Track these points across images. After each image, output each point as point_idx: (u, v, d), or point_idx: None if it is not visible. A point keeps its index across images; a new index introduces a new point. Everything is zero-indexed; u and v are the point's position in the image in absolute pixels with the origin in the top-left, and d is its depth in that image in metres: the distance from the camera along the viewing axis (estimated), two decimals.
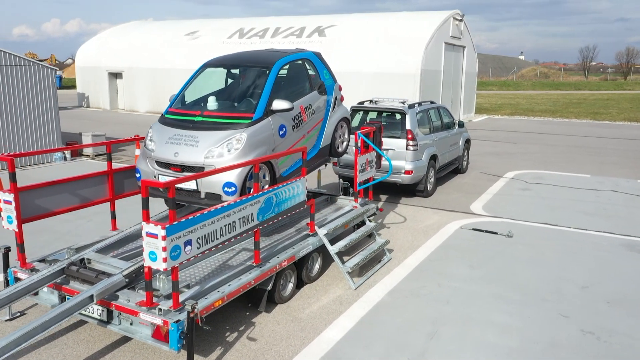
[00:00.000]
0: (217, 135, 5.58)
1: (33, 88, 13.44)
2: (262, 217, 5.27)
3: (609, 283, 6.50)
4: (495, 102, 38.13)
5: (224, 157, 5.49)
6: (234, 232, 4.91)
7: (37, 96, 13.55)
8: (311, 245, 6.21)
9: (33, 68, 13.41)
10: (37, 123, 13.61)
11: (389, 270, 6.89)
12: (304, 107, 6.45)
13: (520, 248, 7.74)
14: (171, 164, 5.65)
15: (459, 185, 11.82)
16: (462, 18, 24.25)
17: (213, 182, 5.46)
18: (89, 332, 5.22)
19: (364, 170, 7.44)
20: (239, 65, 6.50)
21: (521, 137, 20.08)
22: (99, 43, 30.72)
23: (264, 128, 5.78)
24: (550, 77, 66.83)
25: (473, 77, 27.90)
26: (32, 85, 13.42)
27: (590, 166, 14.26)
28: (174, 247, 4.21)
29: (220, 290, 4.89)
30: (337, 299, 6.03)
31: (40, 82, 13.56)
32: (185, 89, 6.47)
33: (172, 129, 5.85)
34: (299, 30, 24.73)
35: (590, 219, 9.27)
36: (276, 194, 5.45)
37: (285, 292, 5.95)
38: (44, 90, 13.67)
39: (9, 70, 12.93)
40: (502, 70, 77.93)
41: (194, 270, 5.41)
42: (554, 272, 6.82)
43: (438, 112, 11.62)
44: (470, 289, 6.30)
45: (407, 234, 8.40)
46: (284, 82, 6.42)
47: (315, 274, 6.51)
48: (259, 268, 5.38)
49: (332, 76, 7.17)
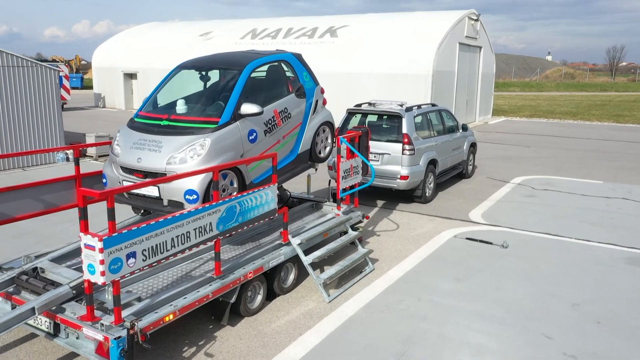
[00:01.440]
0: (180, 141, 5.36)
1: (35, 89, 13.49)
2: (223, 227, 5.02)
3: (602, 301, 6.07)
4: (515, 103, 37.26)
5: (187, 163, 5.26)
6: (189, 243, 4.67)
7: (39, 97, 13.60)
8: (283, 255, 5.94)
9: (35, 69, 13.46)
10: (39, 123, 13.66)
11: (370, 282, 6.58)
12: (279, 111, 6.18)
13: (513, 260, 7.34)
14: (134, 169, 5.46)
15: (462, 191, 11.40)
16: (478, 17, 23.66)
17: (174, 189, 5.24)
18: (43, 343, 5.05)
19: (347, 176, 7.14)
20: (211, 67, 6.27)
21: (536, 141, 19.45)
22: (115, 44, 31.00)
23: (231, 133, 5.53)
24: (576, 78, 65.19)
25: (490, 78, 27.23)
26: (35, 86, 13.46)
27: (604, 172, 13.65)
28: (113, 260, 3.99)
29: (174, 304, 4.66)
30: (308, 312, 5.74)
31: (42, 83, 13.60)
32: (157, 91, 6.27)
33: (137, 133, 5.66)
34: (311, 30, 24.48)
35: (594, 229, 8.79)
36: (240, 203, 5.20)
37: (253, 304, 5.69)
38: (47, 90, 13.71)
39: (11, 71, 12.99)
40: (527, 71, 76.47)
41: (154, 281, 5.19)
42: (545, 288, 6.41)
43: (439, 115, 11.23)
44: (451, 304, 5.95)
45: (397, 242, 8.06)
46: (257, 84, 6.16)
47: (289, 285, 6.24)
48: (220, 280, 5.14)
49: (313, 79, 6.89)
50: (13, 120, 13.12)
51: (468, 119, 24.81)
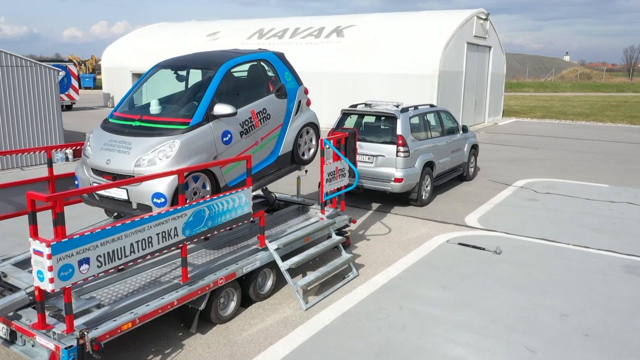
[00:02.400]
0: (149, 142, 5.19)
1: (34, 88, 13.49)
2: (190, 231, 4.84)
3: (594, 312, 5.78)
4: (527, 104, 36.67)
5: (156, 165, 5.10)
6: (152, 249, 4.50)
7: (38, 96, 13.59)
8: (259, 261, 5.75)
9: (35, 68, 13.46)
10: (39, 123, 13.65)
11: (352, 289, 6.35)
12: (257, 111, 5.98)
13: (505, 267, 7.06)
14: (104, 171, 5.31)
15: (461, 194, 11.11)
16: (487, 17, 23.25)
17: (142, 192, 5.07)
18: (1, 349, 4.91)
19: (332, 179, 6.93)
20: (187, 66, 6.10)
21: (545, 142, 19.02)
22: (124, 44, 31.12)
23: (203, 134, 5.35)
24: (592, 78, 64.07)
25: (500, 79, 26.78)
26: (34, 85, 13.46)
27: (611, 175, 13.24)
28: (63, 267, 3.83)
29: (134, 312, 4.49)
30: (283, 320, 5.54)
31: (41, 83, 13.60)
32: (133, 91, 6.12)
33: (109, 134, 5.51)
34: (318, 30, 24.29)
35: (595, 234, 8.45)
36: (210, 207, 5.02)
37: (225, 311, 5.51)
38: (46, 90, 13.70)
39: (11, 70, 13.00)
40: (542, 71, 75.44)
41: (121, 286, 5.03)
42: (535, 297, 6.13)
43: (438, 116, 10.95)
44: (434, 313, 5.70)
45: (386, 247, 7.82)
46: (235, 84, 5.98)
47: (267, 292, 6.04)
48: (187, 286, 4.96)
49: (295, 78, 6.68)
50: (12, 120, 13.12)
51: (477, 120, 24.43)
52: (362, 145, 9.71)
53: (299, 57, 23.38)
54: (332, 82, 22.08)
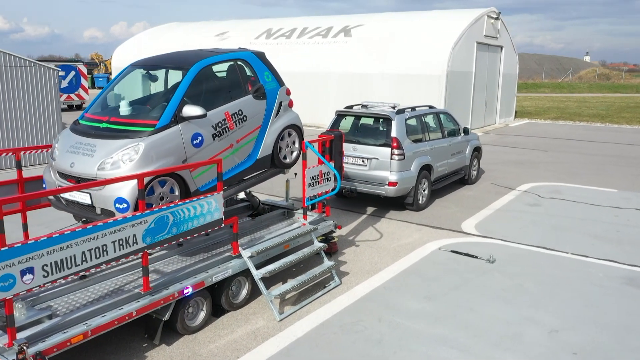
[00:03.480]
0: (113, 145, 4.99)
1: (34, 88, 13.45)
2: (151, 239, 4.62)
3: (586, 328, 5.43)
4: (542, 105, 35.95)
5: (120, 168, 4.89)
6: (106, 257, 4.29)
7: (38, 96, 13.55)
8: (231, 269, 5.51)
9: (34, 68, 13.42)
10: (38, 123, 13.61)
11: (332, 298, 6.08)
12: (231, 113, 5.75)
13: (496, 277, 6.73)
14: (68, 175, 5.12)
15: (461, 199, 10.75)
16: (498, 16, 22.75)
17: (105, 197, 4.88)
18: None
19: (316, 183, 6.67)
20: (159, 66, 5.90)
21: (556, 145, 18.50)
22: (135, 44, 31.19)
23: (170, 137, 5.13)
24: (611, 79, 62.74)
25: (512, 79, 26.22)
26: (34, 85, 13.42)
27: (621, 179, 12.75)
28: (3, 277, 3.63)
29: (88, 323, 4.28)
30: (254, 332, 5.30)
31: (41, 83, 13.55)
32: (106, 92, 5.93)
33: (76, 136, 5.33)
34: (325, 30, 24.02)
35: (596, 243, 8.06)
36: (174, 213, 4.79)
37: (194, 321, 5.28)
38: (46, 90, 13.66)
39: (11, 70, 12.97)
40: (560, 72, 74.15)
41: (81, 295, 4.84)
42: (524, 310, 5.79)
43: (437, 118, 10.61)
44: (414, 327, 5.40)
45: (375, 254, 7.53)
46: (208, 85, 5.75)
47: (241, 301, 5.80)
48: (149, 296, 4.74)
49: (276, 79, 6.43)
50: (11, 119, 13.09)
51: (487, 121, 23.95)
52: (357, 147, 9.45)
53: (306, 57, 23.22)
54: (339, 83, 21.80)
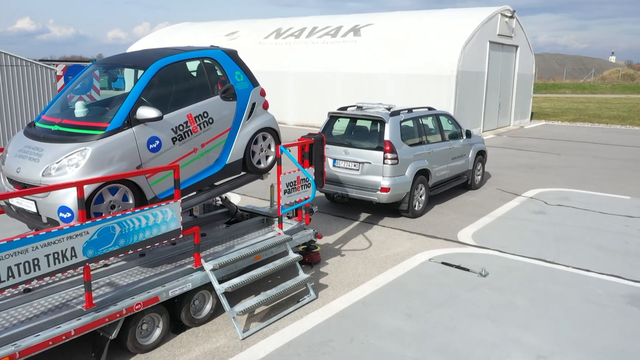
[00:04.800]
0: (60, 149, 4.66)
1: (32, 88, 13.32)
2: (94, 252, 4.27)
3: (578, 353, 4.91)
4: (561, 106, 34.94)
5: (67, 174, 4.56)
6: (39, 272, 3.95)
7: (36, 96, 13.42)
8: (191, 282, 5.14)
9: (32, 68, 13.29)
10: None
11: (305, 314, 5.67)
12: (195, 115, 5.37)
13: (486, 292, 6.23)
14: (15, 180, 4.81)
15: (462, 205, 10.23)
16: (513, 14, 22.03)
17: (48, 205, 4.55)
18: None
19: (292, 190, 6.26)
20: (118, 65, 5.56)
21: (570, 148, 17.77)
22: (146, 45, 31.18)
23: (123, 141, 4.78)
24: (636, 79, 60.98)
25: (528, 80, 25.43)
26: (31, 85, 13.29)
27: (637, 186, 12.06)
28: None
29: (17, 344, 3.94)
30: (212, 351, 4.91)
31: (39, 82, 13.42)
32: (66, 92, 5.61)
33: (27, 139, 5.02)
34: (335, 29, 23.59)
35: (601, 255, 7.49)
36: (121, 223, 4.43)
37: (148, 339, 4.91)
38: (43, 89, 13.52)
39: (8, 70, 12.85)
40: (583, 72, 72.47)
41: (22, 310, 4.50)
42: (511, 331, 5.30)
43: (436, 120, 10.11)
44: (387, 349, 4.96)
45: (359, 265, 7.09)
46: (170, 85, 5.39)
47: (204, 316, 5.42)
48: (93, 313, 4.39)
49: (249, 79, 6.03)
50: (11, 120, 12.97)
51: (501, 123, 23.25)
52: (348, 151, 9.02)
53: (314, 57, 22.83)
54: (347, 83, 21.35)
